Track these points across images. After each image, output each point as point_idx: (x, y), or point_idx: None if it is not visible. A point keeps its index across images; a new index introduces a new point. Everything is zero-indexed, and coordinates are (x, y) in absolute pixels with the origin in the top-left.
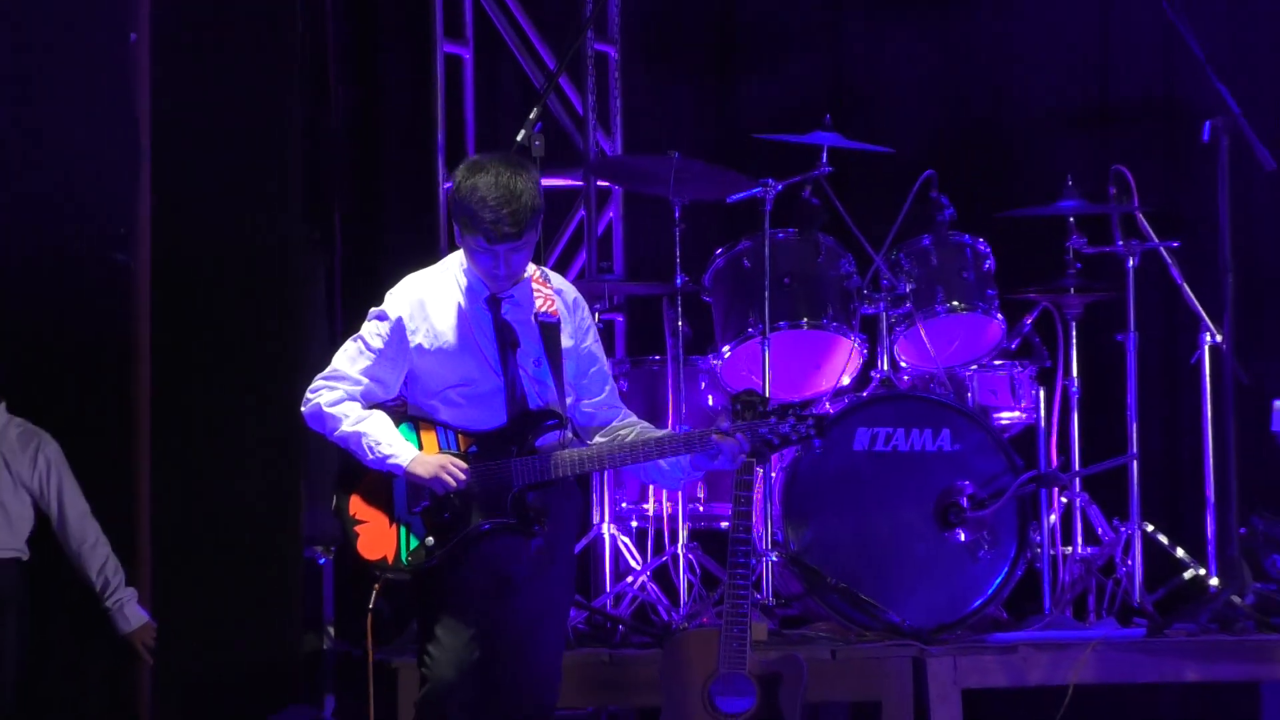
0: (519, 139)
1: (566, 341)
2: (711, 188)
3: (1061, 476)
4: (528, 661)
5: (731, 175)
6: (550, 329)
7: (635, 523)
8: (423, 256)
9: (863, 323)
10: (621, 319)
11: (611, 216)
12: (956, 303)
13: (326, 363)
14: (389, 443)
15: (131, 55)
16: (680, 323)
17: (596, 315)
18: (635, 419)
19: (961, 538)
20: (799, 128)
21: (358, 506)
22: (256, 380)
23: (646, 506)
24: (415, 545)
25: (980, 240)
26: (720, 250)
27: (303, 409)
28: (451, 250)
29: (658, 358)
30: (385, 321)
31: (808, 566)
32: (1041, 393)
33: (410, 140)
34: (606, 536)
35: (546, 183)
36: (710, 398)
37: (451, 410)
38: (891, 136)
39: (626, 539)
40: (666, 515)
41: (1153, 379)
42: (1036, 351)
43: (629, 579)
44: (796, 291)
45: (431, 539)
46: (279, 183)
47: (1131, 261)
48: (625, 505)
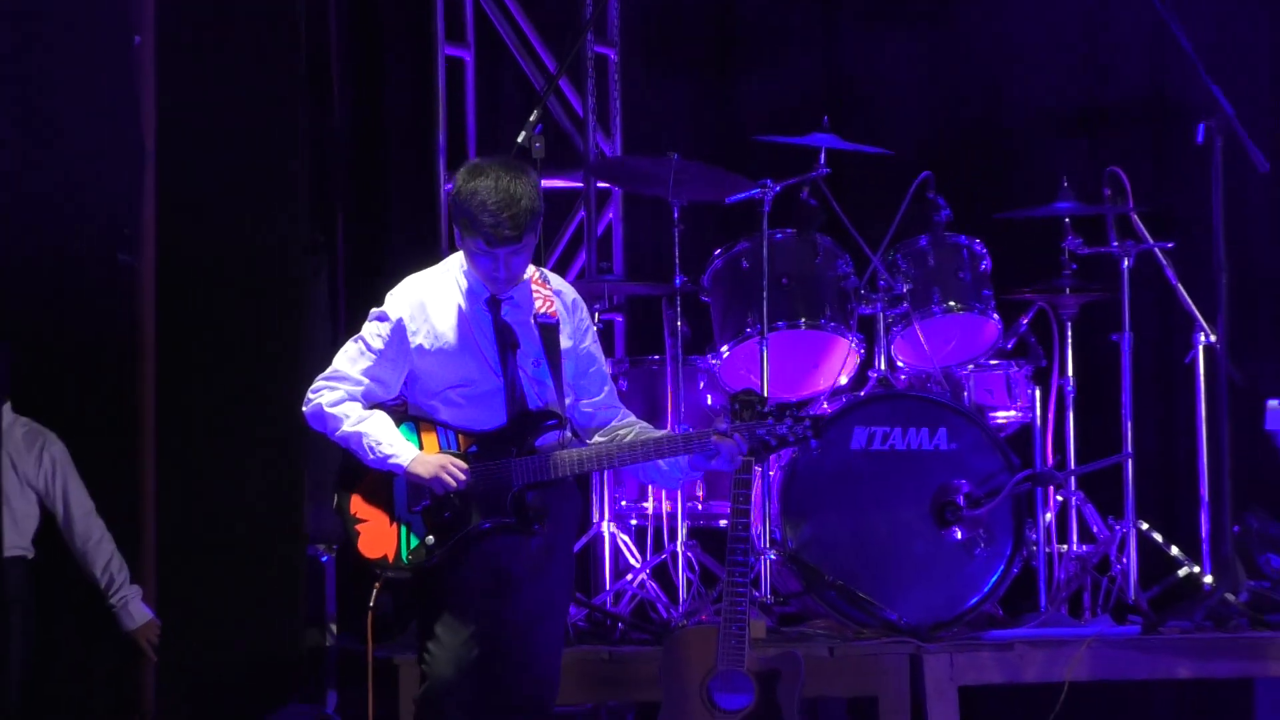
0: (520, 140)
1: (565, 342)
2: (710, 189)
3: (1057, 475)
4: (527, 660)
5: (730, 176)
6: (549, 330)
7: (635, 521)
8: (424, 257)
9: (860, 323)
10: (621, 319)
11: (611, 217)
12: (953, 303)
13: (329, 363)
14: (390, 442)
15: (136, 58)
16: (679, 323)
17: (596, 315)
18: (634, 419)
19: (958, 536)
20: (797, 129)
21: (359, 505)
22: (260, 379)
23: (646, 505)
24: (415, 544)
25: (977, 241)
26: (719, 251)
27: (304, 409)
28: (452, 251)
29: (657, 357)
30: (386, 322)
31: (806, 564)
32: (1037, 392)
33: (412, 142)
34: (606, 535)
35: (547, 184)
36: (709, 397)
37: (452, 410)
38: (889, 138)
39: (626, 537)
40: (666, 513)
41: (1147, 379)
42: (1032, 351)
43: (628, 577)
44: (794, 292)
45: (432, 538)
46: (282, 184)
47: (1126, 262)
48: (625, 504)
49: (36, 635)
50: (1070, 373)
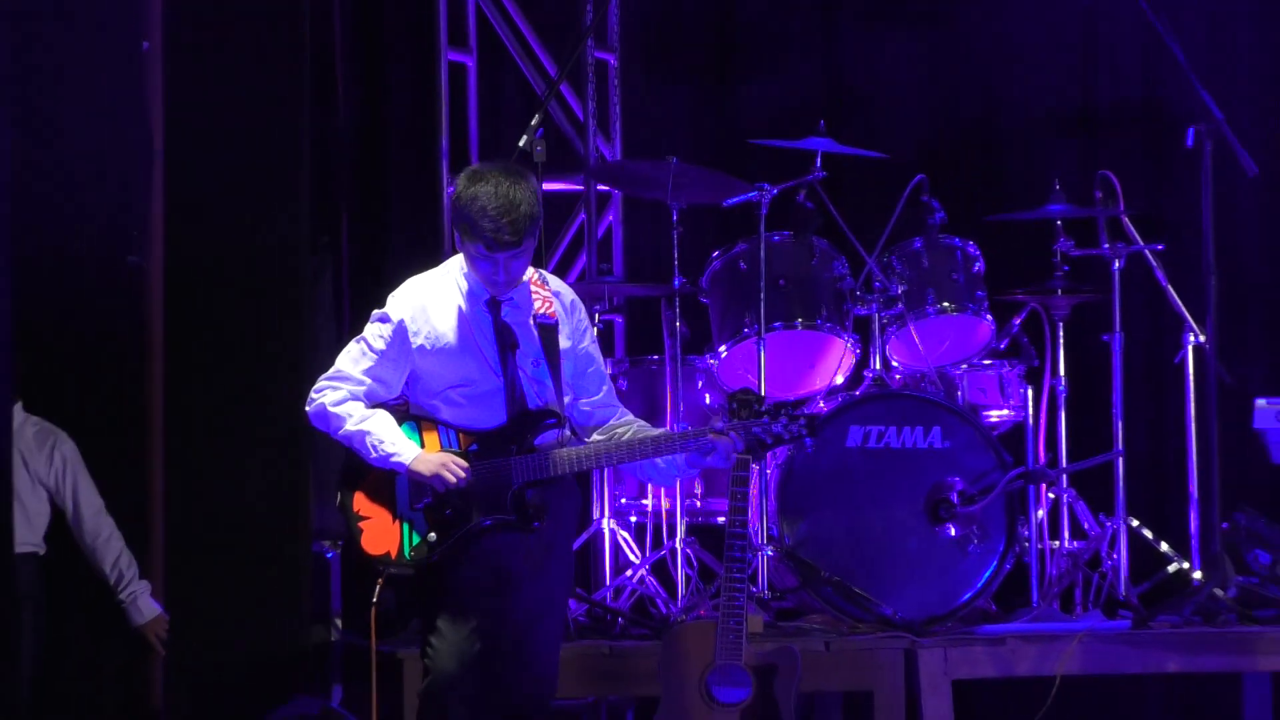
0: (521, 144)
1: (564, 342)
2: (708, 192)
3: (1049, 473)
4: (527, 655)
5: (728, 180)
6: (548, 330)
7: (634, 518)
8: (426, 259)
9: (856, 323)
10: (621, 320)
11: (611, 220)
12: (947, 304)
13: (333, 362)
14: (392, 441)
15: (144, 62)
16: (678, 323)
17: (597, 316)
18: (632, 417)
19: (952, 532)
20: (794, 133)
21: (361, 503)
22: (265, 378)
23: (645, 502)
24: (417, 541)
25: (970, 243)
26: (717, 253)
27: (307, 408)
28: (454, 253)
29: (656, 357)
30: (388, 324)
31: (802, 560)
32: (1029, 391)
33: (415, 145)
34: (606, 531)
35: (548, 187)
36: (707, 396)
37: (453, 410)
38: (884, 142)
39: (626, 534)
40: (665, 511)
41: (1138, 378)
42: (1025, 351)
43: (628, 573)
44: (791, 293)
45: (433, 535)
46: (287, 185)
47: (1117, 264)
48: (624, 501)
49: (47, 632)
50: (1062, 372)
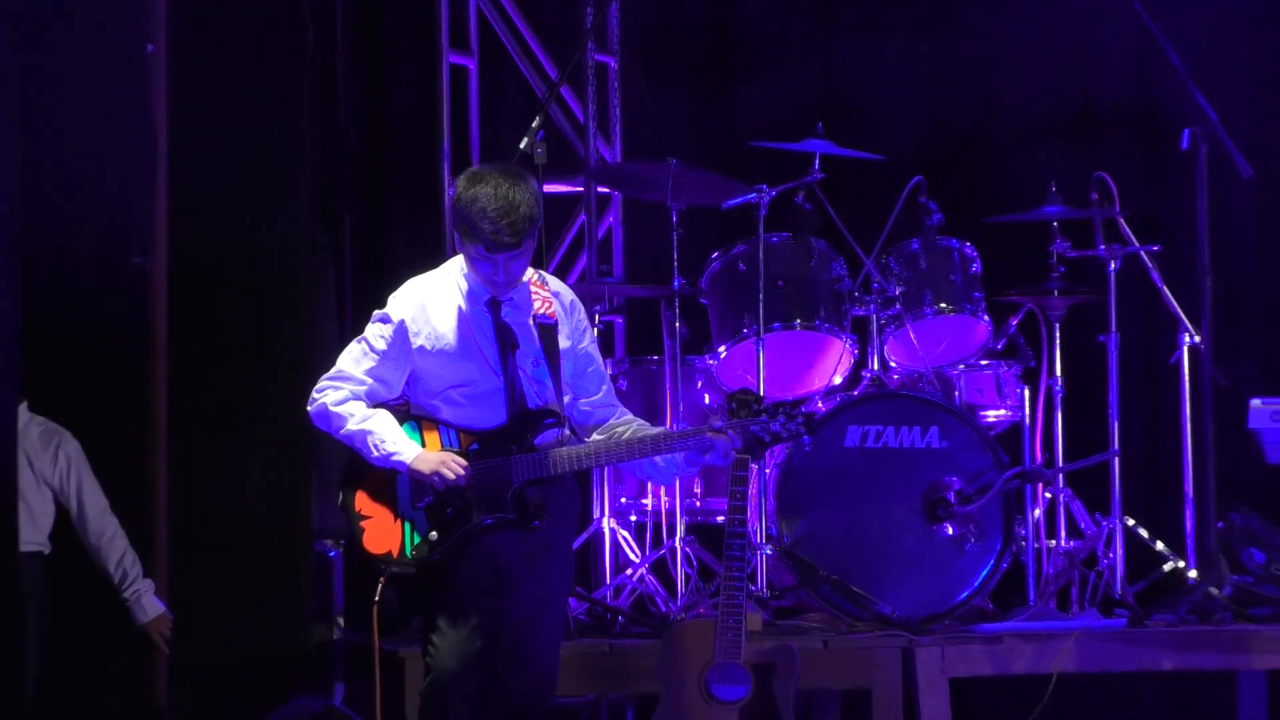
0: (522, 146)
1: (564, 342)
2: (708, 193)
3: (1045, 472)
4: (527, 653)
5: (727, 181)
6: (548, 330)
7: (634, 517)
8: (428, 259)
9: (854, 324)
10: (621, 320)
11: (611, 221)
12: (944, 305)
13: (335, 362)
14: (393, 440)
15: (148, 64)
16: (678, 324)
17: (597, 317)
18: (631, 416)
19: (949, 531)
20: (792, 136)
21: (363, 502)
22: (268, 379)
23: (645, 502)
24: (419, 540)
25: (967, 244)
26: (716, 254)
27: (309, 408)
28: (455, 253)
29: (656, 358)
30: (388, 324)
31: (801, 559)
32: (1026, 391)
33: (416, 146)
34: (606, 531)
35: (548, 189)
36: (707, 396)
37: (453, 410)
38: (882, 144)
39: (626, 533)
40: (665, 510)
41: (1133, 379)
42: (1021, 352)
43: (628, 572)
44: (790, 294)
45: (434, 534)
46: (290, 187)
47: (1113, 265)
48: (625, 500)
49: (52, 630)
50: (1058, 373)
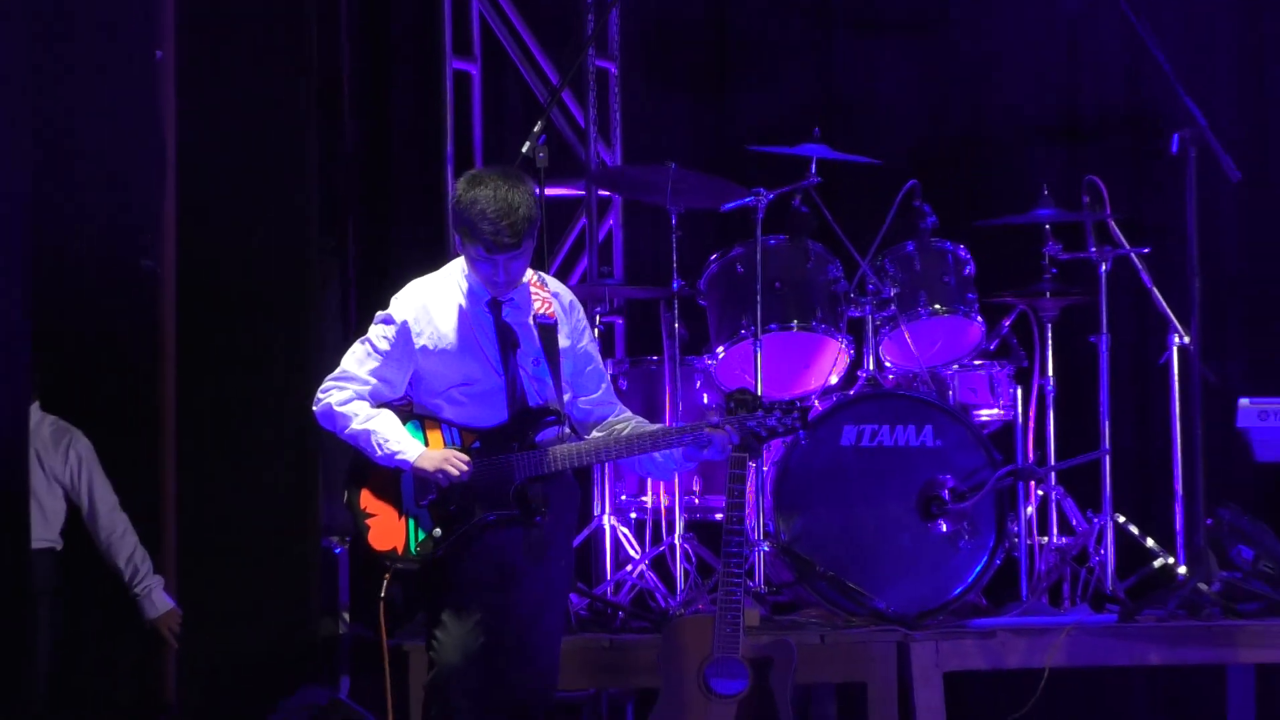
0: (524, 150)
1: (564, 341)
2: (706, 197)
3: (1038, 470)
4: (529, 648)
5: (726, 185)
6: (548, 330)
7: (634, 514)
8: (431, 261)
9: (849, 325)
10: (621, 321)
11: (612, 224)
12: (938, 306)
13: (340, 363)
14: (396, 439)
15: (157, 71)
16: (677, 325)
17: (598, 318)
18: (630, 414)
19: (943, 528)
20: (790, 140)
21: (368, 500)
22: (275, 379)
23: (645, 499)
24: (423, 537)
25: (961, 247)
26: (714, 256)
27: (314, 408)
28: (458, 255)
29: (655, 358)
30: (391, 325)
31: (798, 556)
32: (1019, 391)
33: (420, 151)
34: (607, 527)
35: (550, 192)
36: (705, 396)
37: (455, 409)
38: (877, 148)
39: (626, 530)
40: (664, 507)
41: (1124, 378)
42: (1014, 352)
43: (628, 568)
44: (787, 295)
45: (438, 530)
46: (296, 192)
47: (1104, 267)
48: (625, 498)
49: (63, 626)
50: (1050, 372)
